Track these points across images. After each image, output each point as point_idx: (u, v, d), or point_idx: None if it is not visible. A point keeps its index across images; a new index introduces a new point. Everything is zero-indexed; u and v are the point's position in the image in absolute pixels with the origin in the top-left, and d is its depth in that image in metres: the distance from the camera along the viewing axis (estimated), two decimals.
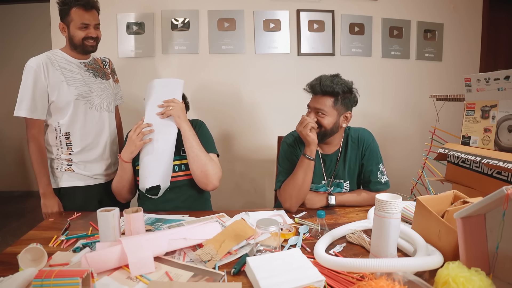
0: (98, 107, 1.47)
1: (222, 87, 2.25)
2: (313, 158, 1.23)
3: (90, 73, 1.48)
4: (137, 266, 0.81)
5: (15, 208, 3.31)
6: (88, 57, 1.51)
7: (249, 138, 2.29)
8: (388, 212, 0.80)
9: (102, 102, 1.48)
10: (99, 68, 1.53)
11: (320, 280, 0.75)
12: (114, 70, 1.66)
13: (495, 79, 1.07)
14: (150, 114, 1.32)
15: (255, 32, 2.22)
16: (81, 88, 1.41)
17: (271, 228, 0.86)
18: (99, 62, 1.56)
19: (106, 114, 1.50)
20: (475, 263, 0.70)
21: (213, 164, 1.31)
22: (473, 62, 2.47)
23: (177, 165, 1.37)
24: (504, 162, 0.97)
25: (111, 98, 1.54)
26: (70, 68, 1.42)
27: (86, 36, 1.40)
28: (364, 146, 1.33)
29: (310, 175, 1.24)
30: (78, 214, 1.24)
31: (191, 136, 1.29)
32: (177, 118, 1.30)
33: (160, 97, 1.33)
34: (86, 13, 1.37)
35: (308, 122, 1.21)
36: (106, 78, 1.55)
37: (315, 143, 1.22)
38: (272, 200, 1.85)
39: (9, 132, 3.67)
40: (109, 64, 1.62)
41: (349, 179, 1.35)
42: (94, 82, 1.47)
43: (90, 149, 1.45)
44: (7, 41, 3.53)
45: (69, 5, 1.36)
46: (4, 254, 0.93)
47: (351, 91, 1.27)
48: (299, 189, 1.24)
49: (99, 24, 1.44)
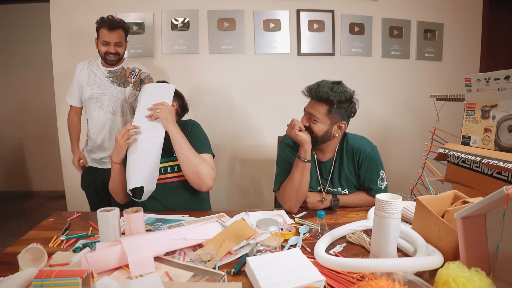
0: (106, 108, 1.76)
1: (222, 87, 2.26)
2: (308, 159, 1.21)
3: (109, 79, 1.76)
4: (137, 266, 0.81)
5: (15, 208, 3.31)
6: (116, 66, 1.79)
7: (249, 138, 2.29)
8: (388, 212, 0.80)
9: (110, 105, 1.76)
10: (122, 76, 1.79)
11: (320, 280, 0.75)
12: (142, 80, 1.83)
13: (495, 79, 1.07)
14: (139, 117, 1.31)
15: (255, 32, 2.22)
16: (95, 90, 1.74)
17: (271, 228, 0.86)
18: (127, 71, 1.81)
19: (109, 116, 1.77)
20: (475, 263, 0.70)
21: (205, 164, 1.29)
22: (473, 62, 2.48)
23: (170, 167, 1.37)
24: (504, 162, 0.97)
25: (119, 103, 1.78)
26: (95, 73, 1.77)
27: (106, 51, 1.69)
28: (361, 157, 1.27)
29: (307, 176, 1.23)
30: (78, 214, 1.24)
31: (179, 138, 1.28)
32: (164, 120, 1.29)
33: (149, 101, 1.34)
34: (108, 33, 1.66)
35: (294, 123, 1.20)
36: (124, 86, 1.78)
37: (308, 142, 1.19)
38: (271, 200, 1.85)
39: (9, 132, 3.66)
40: (137, 74, 1.82)
41: (346, 187, 1.32)
42: (110, 87, 1.76)
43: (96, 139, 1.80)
44: (7, 41, 3.53)
45: (99, 25, 1.68)
46: (4, 254, 0.93)
47: (349, 101, 1.22)
48: (297, 191, 1.23)
49: (121, 42, 1.71)
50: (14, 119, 3.63)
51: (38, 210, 3.27)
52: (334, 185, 1.32)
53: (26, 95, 3.59)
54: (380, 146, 1.37)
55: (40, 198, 3.61)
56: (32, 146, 3.72)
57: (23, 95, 3.60)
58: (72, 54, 2.13)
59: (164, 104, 1.33)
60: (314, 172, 1.32)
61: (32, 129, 3.64)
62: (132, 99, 1.80)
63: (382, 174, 1.30)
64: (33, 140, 3.69)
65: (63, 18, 2.11)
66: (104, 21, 1.65)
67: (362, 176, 1.30)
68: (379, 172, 1.29)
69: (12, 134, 3.68)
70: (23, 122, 3.65)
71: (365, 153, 1.27)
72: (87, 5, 2.11)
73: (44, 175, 3.70)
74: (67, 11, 2.11)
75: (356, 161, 1.29)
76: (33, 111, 3.59)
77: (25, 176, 3.79)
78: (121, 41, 1.70)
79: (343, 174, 1.31)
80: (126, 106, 1.79)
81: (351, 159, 1.30)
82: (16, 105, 3.61)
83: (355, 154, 1.28)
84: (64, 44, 2.14)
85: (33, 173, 3.78)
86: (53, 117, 2.25)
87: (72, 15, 2.11)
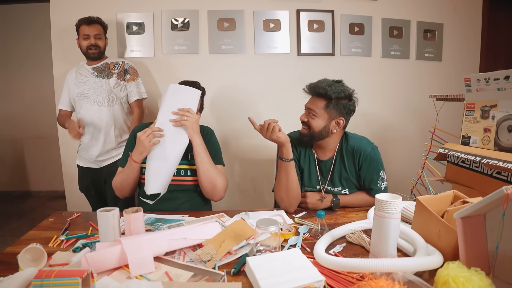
0: (92, 101, 1.82)
1: (222, 87, 2.25)
2: (290, 158, 1.23)
3: (94, 75, 1.84)
4: (137, 266, 0.81)
5: (15, 208, 3.31)
6: (99, 62, 1.87)
7: (249, 138, 2.29)
8: (388, 212, 0.80)
9: (95, 97, 1.82)
10: (106, 70, 1.87)
11: (320, 280, 0.75)
12: (126, 71, 1.89)
13: (495, 79, 1.07)
14: (163, 119, 1.28)
15: (255, 32, 2.22)
16: (81, 87, 1.83)
17: (271, 228, 0.86)
18: (110, 65, 1.88)
19: (96, 108, 1.81)
20: (475, 263, 0.70)
21: (222, 177, 1.32)
22: (473, 62, 2.47)
23: (183, 170, 1.37)
24: (504, 162, 0.97)
25: (105, 94, 1.83)
26: (81, 72, 1.86)
27: (88, 45, 1.80)
28: (362, 157, 1.28)
29: (293, 174, 1.24)
30: (78, 214, 1.24)
31: (202, 150, 1.29)
32: (191, 130, 1.28)
33: (175, 103, 1.30)
34: (87, 27, 1.80)
35: (271, 126, 1.21)
36: (108, 77, 1.85)
37: (288, 141, 1.22)
38: (271, 200, 1.84)
39: (9, 132, 3.67)
40: (120, 66, 1.89)
41: (347, 186, 1.32)
42: (94, 81, 1.83)
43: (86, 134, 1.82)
44: (7, 41, 3.53)
45: (78, 23, 1.81)
46: (4, 254, 0.93)
47: (348, 98, 1.24)
48: (286, 190, 1.24)
49: (99, 35, 1.82)
50: (14, 119, 3.63)
51: (38, 210, 3.27)
52: (334, 184, 1.32)
53: (26, 95, 3.59)
54: (380, 146, 1.37)
55: (40, 198, 3.61)
56: (32, 146, 3.72)
57: (23, 95, 3.60)
58: (72, 54, 2.12)
59: (191, 112, 1.29)
60: (314, 170, 1.33)
61: (32, 129, 3.64)
62: (117, 89, 1.85)
63: (382, 174, 1.30)
64: (33, 140, 3.69)
65: (63, 18, 2.11)
66: (82, 19, 1.81)
67: (362, 176, 1.30)
68: (380, 173, 1.29)
69: (12, 134, 3.68)
70: (23, 122, 3.65)
71: (366, 153, 1.28)
72: (87, 5, 2.11)
73: (44, 175, 3.70)
74: (67, 11, 2.11)
75: (356, 161, 1.29)
76: (33, 111, 3.59)
77: (25, 176, 3.79)
78: (99, 34, 1.82)
79: (343, 173, 1.31)
80: (112, 96, 1.84)
81: (351, 159, 1.30)
82: (16, 105, 3.61)
83: (356, 154, 1.29)
84: (64, 44, 2.14)
85: (33, 173, 3.78)
86: (53, 117, 2.25)
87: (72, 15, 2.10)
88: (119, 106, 1.87)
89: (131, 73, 1.90)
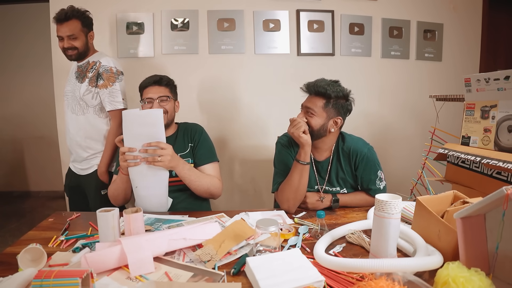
0: (67, 106, 1.67)
1: (221, 87, 2.25)
2: (307, 162, 1.22)
3: (75, 75, 1.66)
4: (137, 266, 0.81)
5: (14, 208, 3.31)
6: (82, 61, 1.65)
7: (248, 138, 2.29)
8: (388, 212, 0.80)
9: (69, 103, 1.65)
10: (84, 71, 1.63)
11: (320, 280, 0.75)
12: (99, 75, 1.59)
13: (495, 79, 1.07)
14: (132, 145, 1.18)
15: (255, 32, 2.22)
16: (66, 87, 1.68)
17: (270, 228, 0.86)
18: (89, 66, 1.63)
19: (70, 115, 1.65)
20: (475, 263, 0.70)
21: (215, 181, 1.34)
22: (473, 62, 2.47)
23: None
24: (504, 162, 0.97)
25: (76, 101, 1.62)
26: (73, 69, 1.69)
27: (63, 47, 1.56)
28: (358, 158, 1.29)
29: (306, 177, 1.24)
30: (78, 214, 1.24)
31: (187, 173, 1.27)
32: (169, 168, 1.23)
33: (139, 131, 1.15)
34: (60, 27, 1.52)
35: (300, 124, 1.20)
36: (82, 81, 1.62)
37: (309, 145, 1.21)
38: (271, 200, 1.84)
39: (9, 132, 3.67)
40: (96, 67, 1.60)
41: (344, 186, 1.33)
42: (73, 83, 1.65)
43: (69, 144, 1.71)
44: (7, 41, 3.53)
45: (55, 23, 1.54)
46: (3, 254, 0.92)
47: (345, 98, 1.25)
48: (295, 192, 1.24)
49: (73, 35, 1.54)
50: (13, 119, 3.63)
51: (38, 210, 3.27)
52: (332, 184, 1.33)
53: (25, 95, 3.59)
54: (380, 146, 1.37)
55: (39, 198, 3.61)
56: (31, 146, 3.72)
57: (22, 95, 3.60)
58: None
59: (163, 147, 1.17)
60: (312, 171, 1.33)
61: (32, 129, 3.64)
62: (88, 96, 1.59)
63: (380, 174, 1.31)
64: (32, 140, 3.69)
65: None
66: (55, 16, 1.51)
67: (359, 177, 1.31)
68: (377, 172, 1.30)
69: (12, 134, 3.68)
70: (22, 122, 3.65)
71: (362, 154, 1.29)
72: (87, 5, 2.09)
73: (43, 175, 3.70)
74: None
75: (353, 163, 1.30)
76: (33, 111, 3.59)
77: (24, 176, 3.79)
78: (73, 34, 1.53)
79: (340, 174, 1.32)
80: (82, 104, 1.61)
81: (347, 160, 1.31)
82: (16, 105, 3.61)
83: (352, 155, 1.30)
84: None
85: (33, 173, 3.78)
86: (53, 117, 2.25)
87: None
88: (93, 115, 1.62)
89: (106, 78, 1.59)
